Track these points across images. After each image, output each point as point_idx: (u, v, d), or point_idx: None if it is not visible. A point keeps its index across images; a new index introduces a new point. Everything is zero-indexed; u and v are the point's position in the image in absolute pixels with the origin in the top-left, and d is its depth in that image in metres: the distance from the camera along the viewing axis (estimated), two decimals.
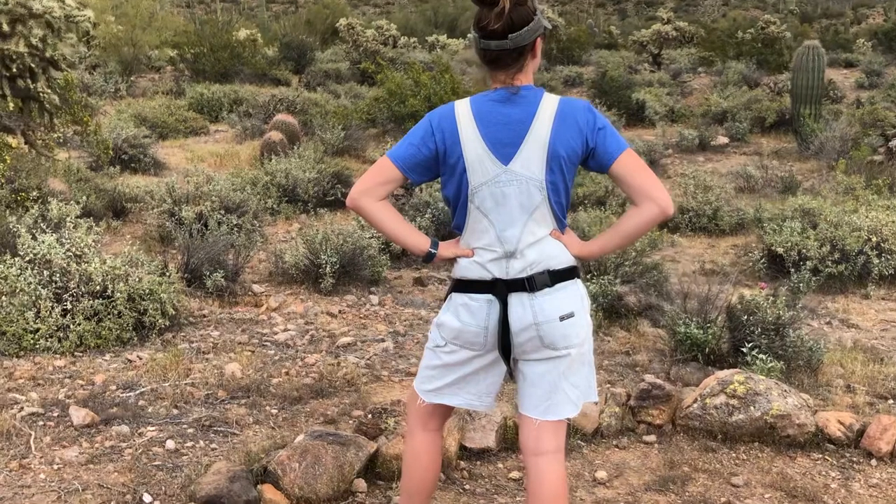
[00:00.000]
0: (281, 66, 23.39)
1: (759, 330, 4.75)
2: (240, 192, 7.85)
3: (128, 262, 5.20)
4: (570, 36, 29.87)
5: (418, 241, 2.57)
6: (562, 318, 2.48)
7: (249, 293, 6.07)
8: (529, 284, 2.47)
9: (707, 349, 4.84)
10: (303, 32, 30.15)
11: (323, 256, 6.10)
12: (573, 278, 2.54)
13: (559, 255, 2.51)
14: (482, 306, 2.50)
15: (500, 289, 2.48)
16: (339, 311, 5.78)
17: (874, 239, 7.10)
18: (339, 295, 6.14)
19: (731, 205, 9.20)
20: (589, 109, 2.46)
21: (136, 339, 5.02)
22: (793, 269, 6.54)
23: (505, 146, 2.43)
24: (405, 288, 6.57)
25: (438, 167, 2.52)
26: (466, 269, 2.53)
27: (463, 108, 2.47)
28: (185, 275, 5.91)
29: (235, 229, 6.98)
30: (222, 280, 5.80)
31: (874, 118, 14.81)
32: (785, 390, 4.03)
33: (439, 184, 2.65)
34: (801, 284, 5.49)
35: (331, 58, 25.92)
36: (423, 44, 31.76)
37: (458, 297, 2.56)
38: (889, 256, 7.04)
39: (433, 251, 2.57)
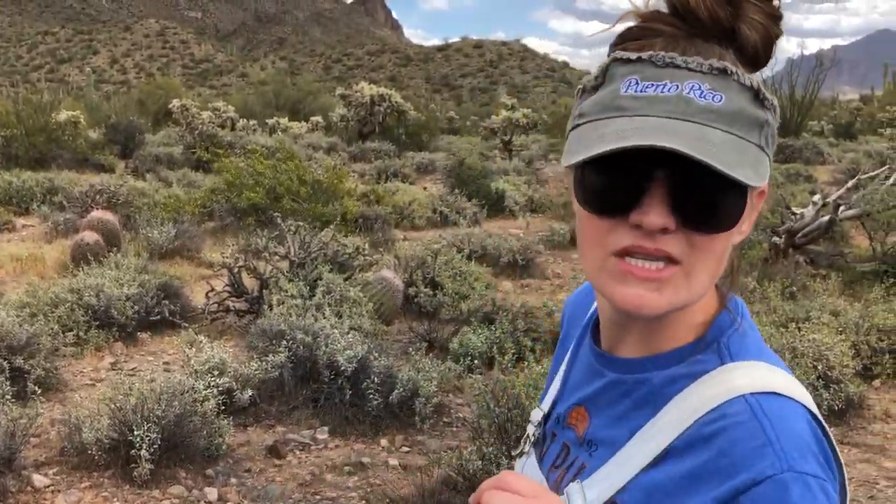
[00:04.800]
0: (106, 151, 21.32)
1: None
2: (30, 324, 5.96)
3: None
4: (417, 121, 28.99)
5: None
6: None
7: (28, 489, 4.21)
8: None
9: None
10: (134, 113, 28.03)
11: (137, 431, 4.30)
12: None
13: None
14: None
15: None
16: None
17: (819, 367, 5.99)
18: (160, 485, 4.31)
19: None
20: None
21: None
22: None
23: None
24: (256, 463, 4.75)
25: None
26: None
27: None
28: None
29: (14, 383, 5.10)
30: None
31: None
32: None
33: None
34: None
35: (163, 141, 23.96)
36: (264, 126, 30.23)
37: None
38: (837, 387, 5.93)
39: None
